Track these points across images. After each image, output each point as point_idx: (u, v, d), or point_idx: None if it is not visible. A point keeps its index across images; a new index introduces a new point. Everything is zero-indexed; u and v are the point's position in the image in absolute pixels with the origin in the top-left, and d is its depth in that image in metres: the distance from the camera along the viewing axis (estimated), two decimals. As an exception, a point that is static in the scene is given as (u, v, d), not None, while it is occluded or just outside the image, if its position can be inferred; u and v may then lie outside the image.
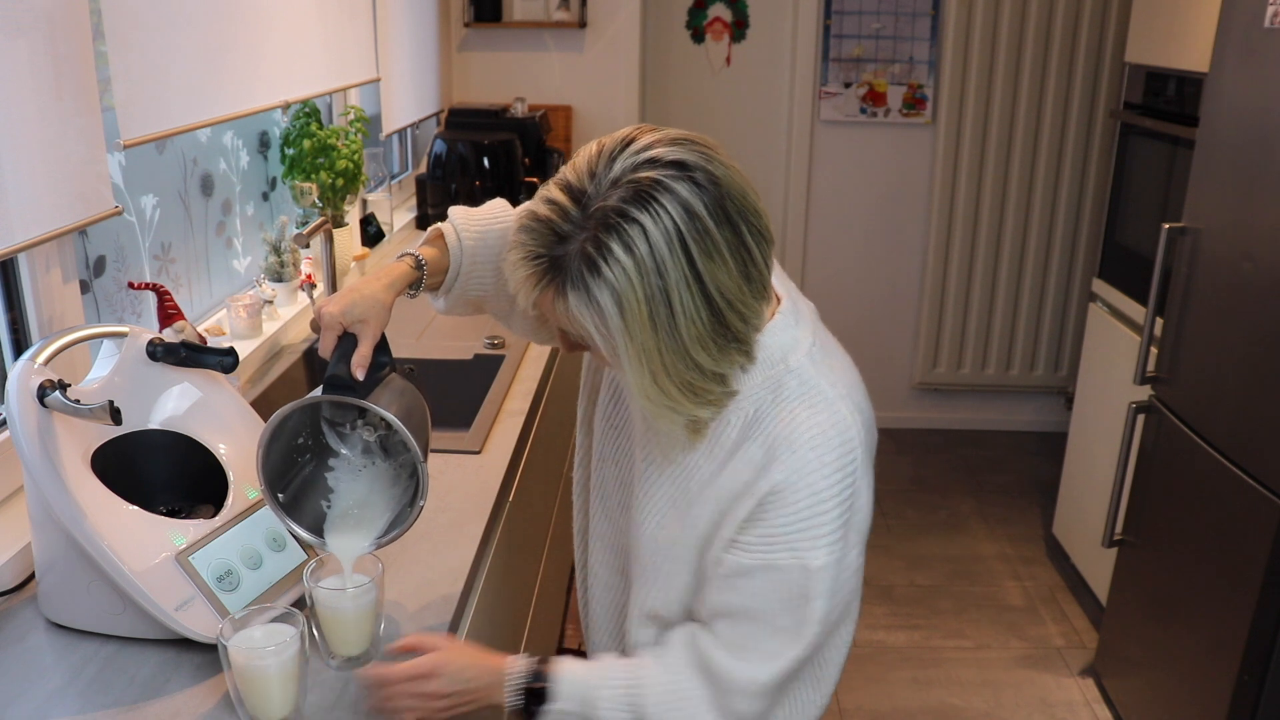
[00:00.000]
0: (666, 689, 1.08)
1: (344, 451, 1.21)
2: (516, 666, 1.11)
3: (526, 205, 0.97)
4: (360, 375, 1.08)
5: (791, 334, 1.06)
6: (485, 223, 1.24)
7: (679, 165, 0.91)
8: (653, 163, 0.91)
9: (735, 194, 0.93)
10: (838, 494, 1.01)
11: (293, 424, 1.15)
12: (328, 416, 1.20)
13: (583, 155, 0.95)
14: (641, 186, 0.90)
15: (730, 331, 0.95)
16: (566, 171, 0.95)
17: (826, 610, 1.04)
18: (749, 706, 1.07)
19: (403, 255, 1.20)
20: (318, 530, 1.17)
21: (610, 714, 1.08)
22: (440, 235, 1.24)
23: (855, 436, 1.03)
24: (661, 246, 0.89)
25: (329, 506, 1.19)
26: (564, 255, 0.91)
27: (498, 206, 1.27)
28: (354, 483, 1.19)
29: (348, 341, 1.09)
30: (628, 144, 0.93)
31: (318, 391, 1.09)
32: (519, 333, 1.34)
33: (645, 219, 0.89)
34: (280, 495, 1.15)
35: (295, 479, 1.18)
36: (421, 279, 1.19)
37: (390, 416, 1.07)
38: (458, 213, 1.25)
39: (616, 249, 0.89)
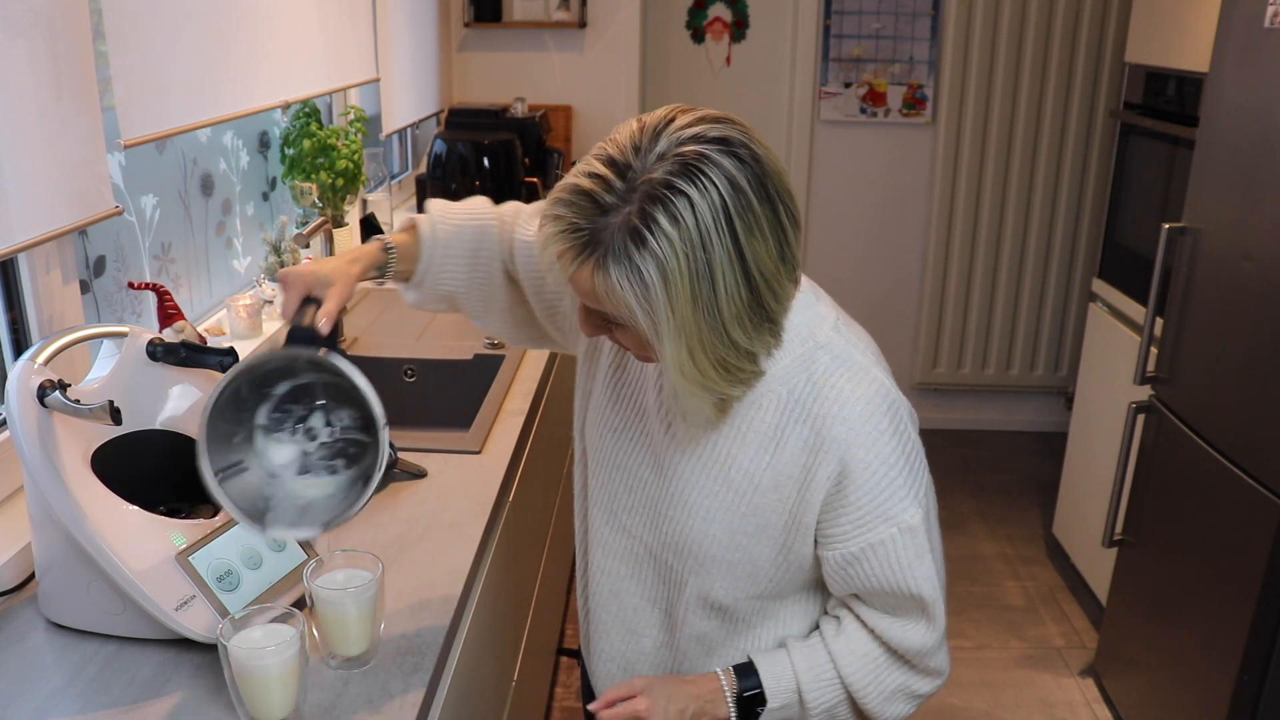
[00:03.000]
0: (859, 655, 1.14)
1: (285, 453, 1.08)
2: (723, 681, 1.15)
3: (560, 183, 0.95)
4: (325, 329, 1.03)
5: (814, 310, 1.08)
6: (463, 217, 1.23)
7: (723, 141, 0.91)
8: (697, 138, 0.90)
9: (774, 173, 0.93)
10: (902, 451, 1.05)
11: (236, 405, 1.03)
12: (286, 407, 1.08)
13: (623, 132, 0.93)
14: (688, 160, 0.89)
15: (765, 310, 0.95)
16: (607, 147, 0.93)
17: (939, 546, 1.11)
18: (934, 653, 1.13)
19: (374, 239, 1.19)
20: (256, 519, 1.04)
21: (821, 695, 1.14)
22: (414, 225, 1.22)
23: (896, 395, 1.07)
24: (708, 220, 0.88)
25: (267, 509, 1.06)
26: (606, 227, 0.89)
27: (478, 203, 1.26)
28: (298, 490, 1.07)
29: (311, 303, 1.06)
30: (670, 121, 0.92)
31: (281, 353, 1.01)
32: (496, 333, 1.32)
33: (692, 191, 0.88)
34: (219, 475, 1.02)
35: (235, 472, 1.05)
36: (389, 263, 1.18)
37: (352, 371, 1.00)
38: (435, 205, 1.24)
39: (663, 221, 0.87)
